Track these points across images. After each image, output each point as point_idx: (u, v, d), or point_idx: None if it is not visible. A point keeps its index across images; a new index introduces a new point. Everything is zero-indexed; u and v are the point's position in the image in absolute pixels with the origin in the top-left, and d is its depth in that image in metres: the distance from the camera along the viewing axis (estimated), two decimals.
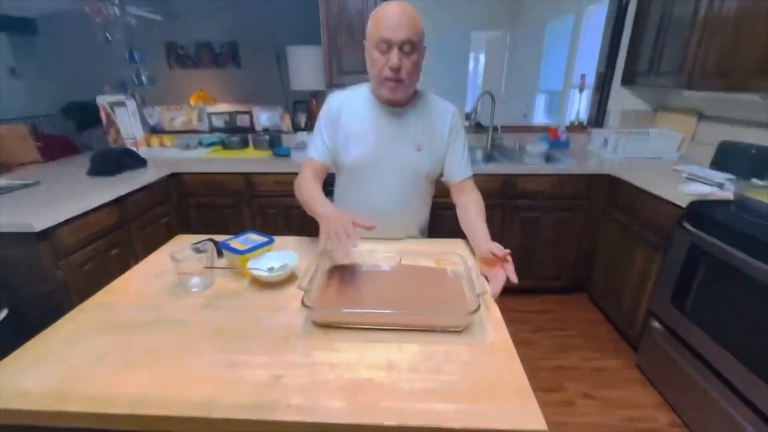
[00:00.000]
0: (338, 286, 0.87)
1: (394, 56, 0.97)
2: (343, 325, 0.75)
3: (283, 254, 0.97)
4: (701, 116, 2.25)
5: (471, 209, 1.11)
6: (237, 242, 0.97)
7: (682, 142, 2.33)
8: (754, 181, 1.71)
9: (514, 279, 0.84)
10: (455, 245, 1.12)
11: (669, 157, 2.31)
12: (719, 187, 1.64)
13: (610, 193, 2.15)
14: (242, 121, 2.80)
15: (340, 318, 0.75)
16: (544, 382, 1.80)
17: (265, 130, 2.68)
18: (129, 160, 2.10)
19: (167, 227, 2.18)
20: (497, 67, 5.65)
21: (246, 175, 2.24)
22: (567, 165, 2.22)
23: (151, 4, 4.19)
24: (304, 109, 2.71)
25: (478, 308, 0.72)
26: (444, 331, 0.74)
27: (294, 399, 0.59)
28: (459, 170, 1.16)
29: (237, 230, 1.07)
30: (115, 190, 1.79)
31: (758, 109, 1.88)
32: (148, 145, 2.56)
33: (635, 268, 1.92)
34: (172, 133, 2.71)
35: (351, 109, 1.12)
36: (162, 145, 2.62)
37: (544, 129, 2.75)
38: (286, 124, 2.75)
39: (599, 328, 2.19)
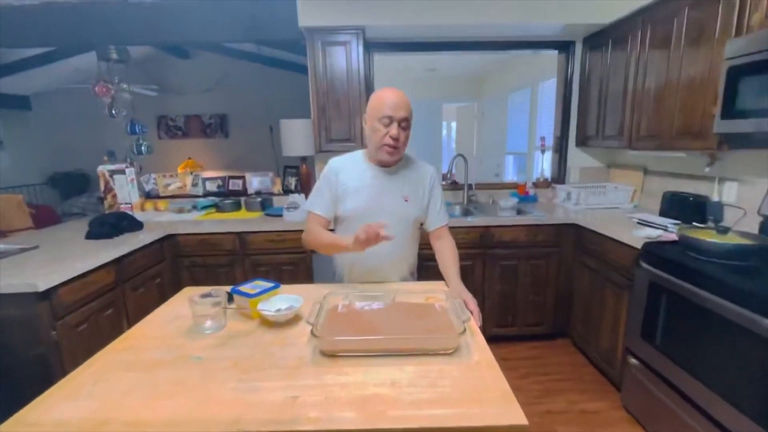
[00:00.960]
0: (341, 321, 0.97)
1: (394, 129, 1.23)
2: (348, 353, 0.85)
3: (288, 297, 1.07)
4: (646, 171, 2.59)
5: (446, 254, 1.33)
6: (246, 287, 1.07)
7: (634, 193, 2.63)
8: (695, 224, 1.96)
9: (478, 323, 1.04)
10: (441, 285, 1.26)
11: (624, 207, 2.59)
12: (664, 229, 1.87)
13: (578, 240, 2.36)
14: (234, 185, 2.97)
15: (346, 346, 0.85)
16: (536, 427, 1.83)
17: (257, 193, 2.85)
18: (126, 223, 2.20)
19: (159, 288, 2.22)
20: (468, 132, 6.21)
21: (239, 234, 2.36)
22: (536, 216, 2.46)
23: (148, 81, 4.55)
24: (294, 173, 2.93)
25: (464, 331, 0.84)
26: (436, 353, 0.85)
27: (312, 413, 0.68)
28: (437, 219, 1.39)
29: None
30: (114, 251, 1.86)
31: (687, 163, 2.20)
32: (143, 209, 2.67)
33: (608, 308, 2.07)
34: (166, 198, 2.84)
35: (348, 169, 1.34)
36: (156, 209, 2.74)
37: (514, 185, 3.04)
38: (277, 187, 2.94)
39: (583, 371, 2.27)
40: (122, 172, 2.48)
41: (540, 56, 4.00)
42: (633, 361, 1.83)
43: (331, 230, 1.43)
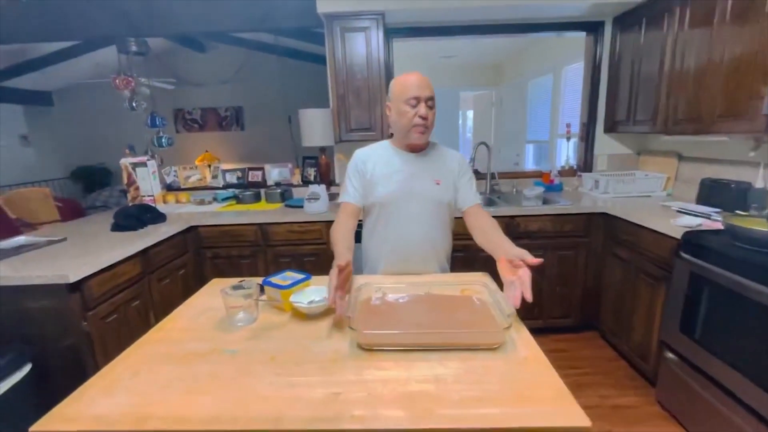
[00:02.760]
0: (376, 313, 0.94)
1: (423, 108, 1.22)
2: (387, 347, 0.82)
3: (319, 289, 1.05)
4: (681, 157, 2.46)
5: (488, 226, 1.24)
6: (277, 279, 1.05)
7: (666, 181, 2.51)
8: (738, 212, 1.85)
9: (529, 295, 0.86)
10: (477, 277, 1.21)
11: (657, 195, 2.48)
12: (708, 218, 1.77)
13: (608, 230, 2.27)
14: (254, 176, 2.96)
15: (386, 340, 0.82)
16: None
17: (277, 184, 2.83)
18: (150, 216, 2.20)
19: (183, 279, 2.23)
20: (486, 121, 6.08)
21: (261, 226, 2.35)
22: (564, 205, 2.37)
23: (164, 75, 4.57)
24: (313, 163, 2.89)
25: (510, 326, 0.80)
26: (480, 349, 0.81)
27: (356, 411, 0.64)
28: (470, 198, 1.34)
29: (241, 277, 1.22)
30: (140, 243, 1.87)
31: (728, 148, 2.08)
32: (164, 201, 2.69)
33: (641, 301, 1.99)
34: (187, 190, 2.85)
35: (375, 157, 1.32)
36: (177, 201, 2.75)
37: (538, 174, 2.94)
38: (296, 177, 2.92)
39: (613, 365, 2.20)
40: (144, 164, 2.49)
41: (563, 39, 3.84)
42: (670, 355, 1.75)
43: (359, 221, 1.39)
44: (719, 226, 1.67)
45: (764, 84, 1.57)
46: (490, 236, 1.19)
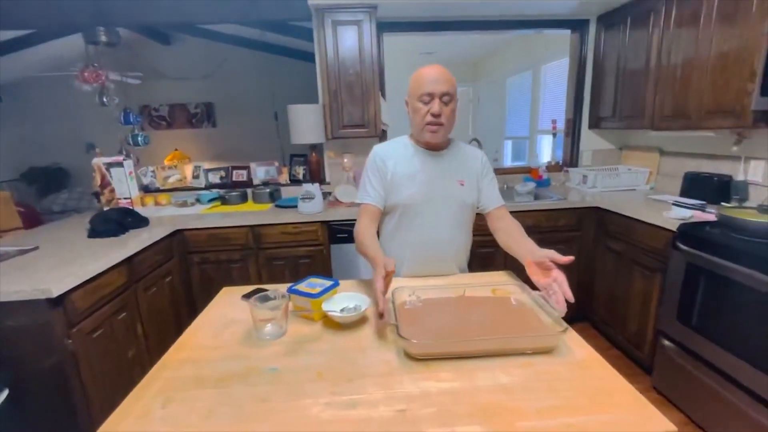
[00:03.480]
0: (416, 319, 0.89)
1: (435, 105, 1.15)
2: (438, 356, 0.77)
3: (350, 296, 0.98)
4: (662, 152, 2.57)
5: (513, 229, 1.22)
6: (304, 286, 0.98)
7: (649, 175, 2.62)
8: (723, 204, 1.95)
9: (570, 296, 0.85)
10: (502, 276, 1.19)
11: (641, 189, 2.58)
12: (701, 209, 1.85)
13: (600, 223, 2.34)
14: (239, 176, 2.82)
15: (441, 349, 0.77)
16: None
17: (265, 184, 2.71)
18: (131, 220, 2.04)
19: (170, 287, 2.08)
20: (463, 117, 6.14)
21: (252, 228, 2.23)
22: (556, 200, 2.41)
23: (127, 68, 4.28)
24: (302, 162, 2.79)
25: (567, 328, 0.78)
26: (535, 353, 0.78)
27: (431, 428, 0.60)
28: (494, 199, 1.30)
29: (243, 284, 1.18)
30: (124, 250, 1.72)
31: (709, 143, 2.19)
32: (143, 204, 2.50)
33: (635, 291, 2.05)
34: (166, 191, 2.67)
35: (395, 156, 1.25)
36: (157, 203, 2.57)
37: (526, 170, 2.99)
38: (284, 177, 2.80)
39: (607, 354, 2.26)
40: (120, 164, 2.30)
41: (542, 37, 3.93)
42: (667, 343, 1.82)
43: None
44: (711, 217, 1.74)
45: (751, 81, 1.65)
46: (514, 238, 1.17)
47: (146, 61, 5.04)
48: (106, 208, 2.26)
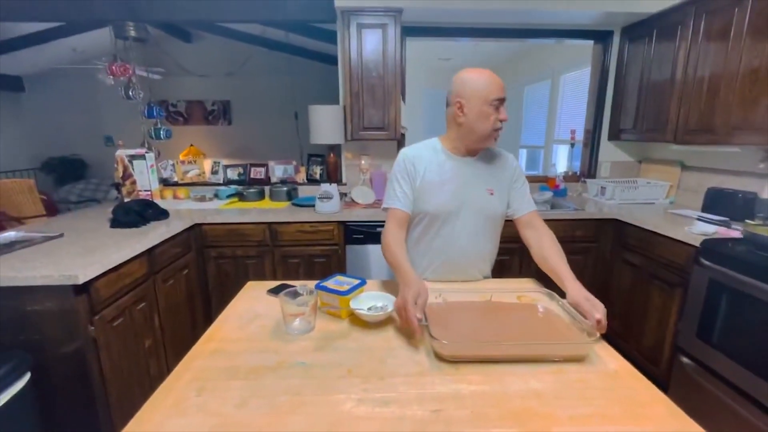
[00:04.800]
0: (443, 321, 0.89)
1: (504, 111, 1.13)
2: (468, 359, 0.77)
3: (377, 295, 0.99)
4: (683, 166, 2.54)
5: (547, 246, 1.17)
6: (331, 284, 0.98)
7: (669, 189, 2.59)
8: (748, 221, 1.92)
9: (603, 327, 0.84)
10: (527, 283, 1.18)
11: (660, 203, 2.55)
12: (726, 226, 1.82)
13: (618, 236, 2.31)
14: (257, 173, 2.84)
15: (474, 351, 0.77)
16: None
17: (283, 182, 2.73)
18: (152, 212, 2.07)
19: (186, 280, 2.11)
20: None
21: (270, 225, 2.25)
22: (573, 210, 2.39)
23: (148, 63, 4.36)
24: (320, 162, 2.81)
25: (599, 337, 0.77)
26: (565, 360, 0.78)
27: (466, 430, 0.60)
28: (525, 205, 1.26)
29: (258, 281, 1.19)
30: (146, 241, 1.74)
31: (733, 158, 2.16)
32: (162, 197, 2.54)
33: (653, 306, 2.02)
34: (185, 185, 2.70)
35: (425, 161, 1.21)
36: (175, 197, 2.60)
37: (543, 179, 2.97)
38: (301, 176, 2.83)
39: None
40: (142, 157, 2.34)
41: (562, 47, 3.92)
42: (685, 360, 1.79)
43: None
44: (736, 234, 1.72)
45: None
46: (550, 261, 1.13)
47: (168, 57, 5.13)
48: (127, 200, 2.30)
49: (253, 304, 1.04)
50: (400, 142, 2.76)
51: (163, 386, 0.71)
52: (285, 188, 2.59)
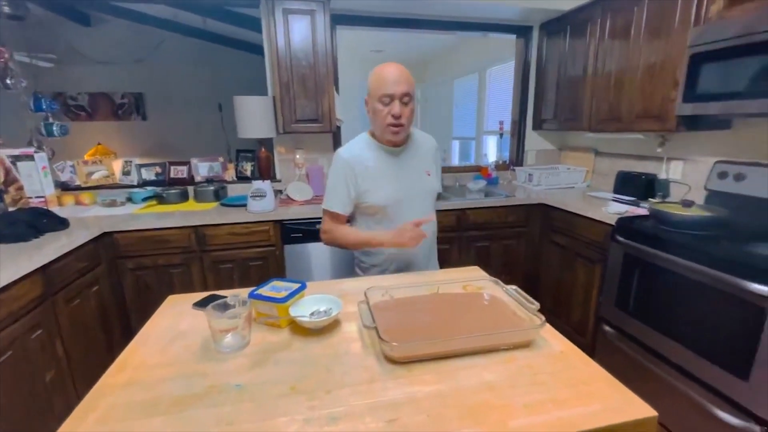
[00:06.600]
0: (392, 321, 0.85)
1: (396, 106, 1.15)
2: (418, 359, 0.74)
3: (318, 298, 0.91)
4: (597, 152, 2.79)
5: None
6: (267, 291, 0.89)
7: (586, 174, 2.83)
8: (650, 200, 2.15)
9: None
10: (471, 271, 1.19)
11: (579, 187, 2.77)
12: (635, 205, 2.02)
13: (546, 219, 2.47)
14: (177, 172, 2.57)
15: (424, 351, 0.73)
16: None
17: (209, 181, 2.50)
18: (46, 221, 1.76)
19: (97, 297, 1.83)
20: None
21: (196, 229, 2.04)
22: (505, 197, 2.51)
23: (35, 49, 3.76)
24: (250, 157, 2.62)
25: (544, 321, 0.78)
26: (515, 348, 0.78)
27: None
28: (438, 184, 1.38)
29: (186, 291, 1.09)
30: (40, 256, 1.47)
31: (637, 144, 2.41)
32: (61, 204, 2.18)
33: (579, 282, 2.20)
34: (90, 189, 2.35)
35: (362, 158, 1.23)
36: (78, 203, 2.25)
37: (476, 168, 3.08)
38: (230, 173, 2.61)
39: None
40: (30, 157, 1.98)
41: (488, 41, 4.08)
42: (607, 328, 1.97)
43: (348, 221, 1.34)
44: (643, 211, 1.91)
45: (674, 89, 1.83)
46: None
47: (61, 41, 4.44)
48: (11, 209, 1.94)
49: (176, 321, 0.91)
50: (336, 135, 2.68)
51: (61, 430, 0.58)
52: (212, 187, 2.37)
